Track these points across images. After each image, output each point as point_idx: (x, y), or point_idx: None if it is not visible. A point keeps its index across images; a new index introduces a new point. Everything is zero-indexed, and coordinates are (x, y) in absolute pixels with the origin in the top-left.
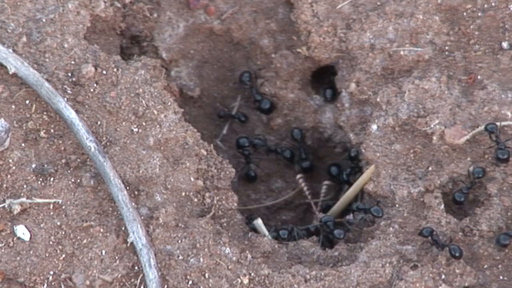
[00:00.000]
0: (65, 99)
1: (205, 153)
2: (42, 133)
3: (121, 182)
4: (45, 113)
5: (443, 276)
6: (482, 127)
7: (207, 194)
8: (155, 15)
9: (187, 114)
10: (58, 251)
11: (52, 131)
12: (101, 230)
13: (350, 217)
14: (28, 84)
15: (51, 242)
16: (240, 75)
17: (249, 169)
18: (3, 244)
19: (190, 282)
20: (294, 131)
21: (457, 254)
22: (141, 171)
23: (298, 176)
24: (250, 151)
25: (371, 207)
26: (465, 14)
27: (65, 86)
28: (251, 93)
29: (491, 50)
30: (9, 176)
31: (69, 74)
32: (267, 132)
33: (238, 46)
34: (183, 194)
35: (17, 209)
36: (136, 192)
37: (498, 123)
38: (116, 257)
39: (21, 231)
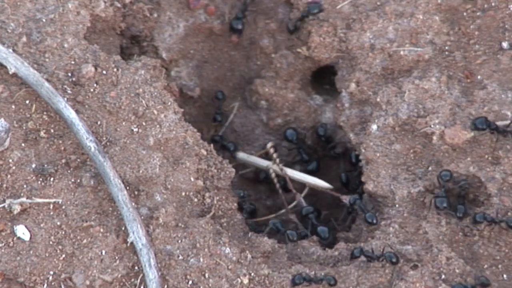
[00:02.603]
0: (65, 99)
1: (205, 153)
2: (42, 133)
3: (121, 182)
4: (45, 113)
5: (443, 276)
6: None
7: (207, 194)
8: (155, 15)
9: (187, 114)
10: (58, 251)
11: (52, 131)
12: (101, 230)
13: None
14: (28, 84)
15: (51, 242)
16: (285, 133)
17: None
18: (3, 244)
19: (190, 282)
20: (288, 132)
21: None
22: (141, 171)
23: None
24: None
25: (367, 211)
26: (465, 14)
27: (65, 86)
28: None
29: (491, 50)
30: (9, 176)
31: (69, 74)
32: (266, 132)
33: (238, 46)
34: (183, 194)
35: (17, 209)
36: (136, 192)
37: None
38: (116, 257)
39: (21, 231)
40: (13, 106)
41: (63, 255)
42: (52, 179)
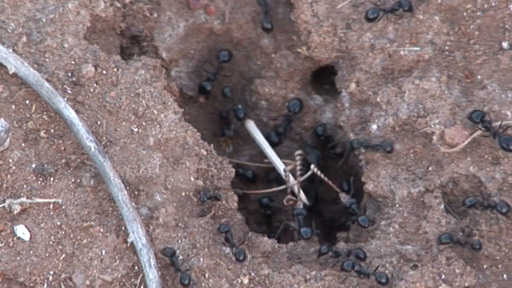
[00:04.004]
0: (65, 99)
1: (205, 153)
2: (42, 133)
3: (121, 182)
4: (45, 113)
5: (443, 276)
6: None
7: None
8: (155, 15)
9: (187, 114)
10: (58, 251)
11: (52, 131)
12: (101, 230)
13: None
14: (28, 84)
15: (51, 242)
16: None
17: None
18: (3, 244)
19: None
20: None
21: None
22: (141, 171)
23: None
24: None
25: (360, 215)
26: (465, 14)
27: (65, 86)
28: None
29: (491, 50)
30: (9, 176)
31: (69, 74)
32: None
33: (238, 46)
34: (183, 194)
35: (17, 209)
36: (136, 192)
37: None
38: (116, 257)
39: (21, 231)
40: (13, 106)
41: (63, 255)
42: (52, 179)
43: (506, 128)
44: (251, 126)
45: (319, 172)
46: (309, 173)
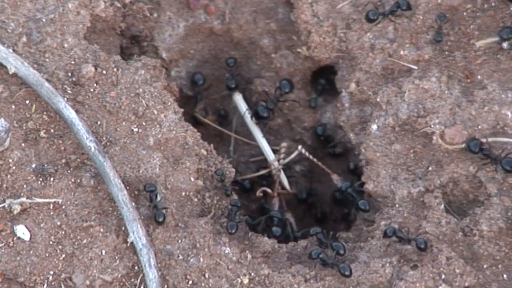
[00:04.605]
0: (65, 99)
1: (205, 153)
2: (42, 133)
3: (121, 182)
4: (45, 113)
5: (443, 276)
6: None
7: (207, 194)
8: (155, 15)
9: (187, 114)
10: (58, 251)
11: (52, 131)
12: (101, 230)
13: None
14: (28, 84)
15: (51, 242)
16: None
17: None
18: (3, 244)
19: (190, 282)
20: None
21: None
22: (141, 171)
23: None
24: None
25: (359, 198)
26: (465, 14)
27: (65, 86)
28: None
29: (491, 50)
30: (9, 176)
31: (69, 74)
32: (266, 132)
33: (238, 46)
34: (183, 194)
35: (17, 209)
36: (136, 192)
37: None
38: (116, 257)
39: (21, 231)
40: (13, 106)
41: (63, 255)
42: (52, 179)
43: (507, 154)
44: (238, 99)
45: (307, 153)
46: (295, 153)
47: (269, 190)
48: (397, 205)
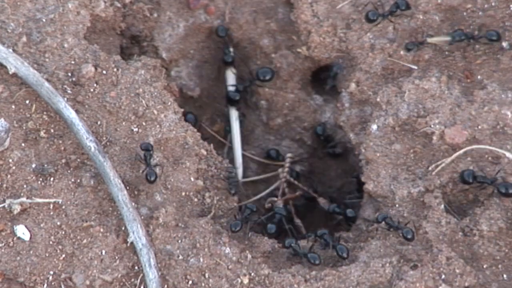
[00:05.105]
0: (65, 99)
1: (205, 153)
2: (42, 133)
3: (121, 182)
4: (45, 113)
5: (443, 276)
6: None
7: (207, 194)
8: (155, 15)
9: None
10: (58, 251)
11: (52, 131)
12: (101, 230)
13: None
14: (28, 84)
15: (51, 242)
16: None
17: None
18: (3, 244)
19: (190, 282)
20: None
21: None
22: (141, 171)
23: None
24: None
25: (335, 243)
26: (465, 14)
27: (65, 86)
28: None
29: (491, 50)
30: (9, 176)
31: (69, 74)
32: (266, 132)
33: (238, 46)
34: (183, 194)
35: (17, 209)
36: (136, 192)
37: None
38: (116, 257)
39: (21, 231)
40: (13, 106)
41: (63, 255)
42: (52, 179)
43: (498, 171)
44: (230, 75)
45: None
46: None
47: (276, 199)
48: (397, 205)
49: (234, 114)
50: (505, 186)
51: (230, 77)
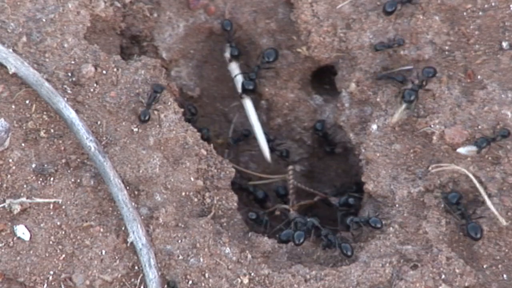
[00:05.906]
0: (65, 99)
1: (205, 153)
2: (42, 133)
3: (121, 182)
4: (45, 113)
5: (443, 276)
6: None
7: (207, 194)
8: (155, 15)
9: (187, 114)
10: (58, 251)
11: (52, 131)
12: (101, 230)
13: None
14: (28, 84)
15: (51, 242)
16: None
17: None
18: (3, 244)
19: (190, 282)
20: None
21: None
22: (141, 171)
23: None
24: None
25: (340, 242)
26: (465, 14)
27: (65, 86)
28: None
29: (491, 50)
30: (9, 176)
31: (69, 74)
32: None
33: (238, 46)
34: (183, 194)
35: (17, 209)
36: (136, 192)
37: None
38: (116, 257)
39: (21, 231)
40: (13, 106)
41: (63, 255)
42: (52, 179)
43: (480, 216)
44: (235, 67)
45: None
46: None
47: (286, 206)
48: (397, 205)
49: (249, 104)
50: (474, 228)
51: (236, 69)
